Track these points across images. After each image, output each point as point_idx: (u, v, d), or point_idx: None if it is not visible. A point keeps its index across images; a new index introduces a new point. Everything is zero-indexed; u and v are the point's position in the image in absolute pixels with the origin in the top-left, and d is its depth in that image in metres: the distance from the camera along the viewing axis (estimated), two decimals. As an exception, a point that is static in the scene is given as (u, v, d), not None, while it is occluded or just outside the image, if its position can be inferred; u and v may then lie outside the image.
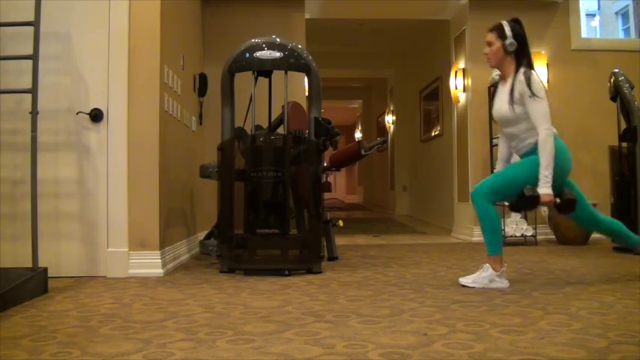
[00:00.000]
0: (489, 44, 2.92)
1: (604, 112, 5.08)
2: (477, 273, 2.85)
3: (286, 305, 2.43)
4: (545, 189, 2.73)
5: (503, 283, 2.82)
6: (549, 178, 2.72)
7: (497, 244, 2.87)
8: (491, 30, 2.94)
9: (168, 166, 3.69)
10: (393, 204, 10.23)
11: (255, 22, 5.25)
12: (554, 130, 2.81)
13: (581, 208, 2.92)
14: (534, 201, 2.73)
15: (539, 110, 2.75)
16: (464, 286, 2.81)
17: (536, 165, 2.75)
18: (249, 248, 3.45)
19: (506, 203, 3.09)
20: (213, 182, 3.84)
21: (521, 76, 2.79)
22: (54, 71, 3.31)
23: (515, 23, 2.92)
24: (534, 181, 2.75)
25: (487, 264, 2.84)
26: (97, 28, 3.35)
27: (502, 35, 2.87)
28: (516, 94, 2.80)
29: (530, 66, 2.86)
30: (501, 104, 2.90)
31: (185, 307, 2.43)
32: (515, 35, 2.86)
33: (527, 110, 2.78)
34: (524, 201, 2.75)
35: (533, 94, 2.74)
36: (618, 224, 3.09)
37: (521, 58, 2.87)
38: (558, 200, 2.79)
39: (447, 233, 6.07)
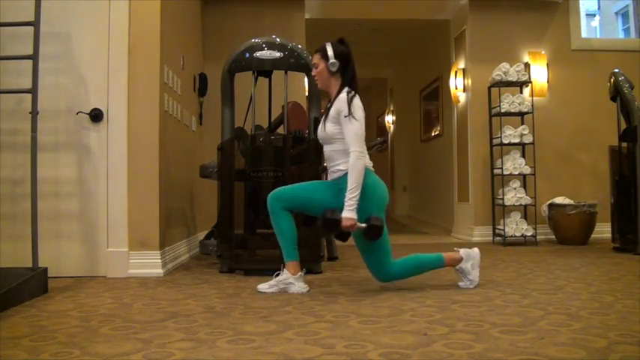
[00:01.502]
0: (315, 66, 2.85)
1: (604, 112, 5.08)
2: (275, 278, 2.79)
3: (286, 305, 2.43)
4: (348, 212, 2.59)
5: (302, 288, 2.75)
6: (354, 202, 2.59)
7: (291, 250, 2.78)
8: (316, 51, 2.86)
9: (168, 166, 3.69)
10: (393, 204, 10.22)
11: (255, 22, 5.25)
12: (368, 160, 2.74)
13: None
14: (335, 224, 2.60)
15: (353, 131, 2.65)
16: (261, 292, 2.74)
17: (337, 190, 2.68)
18: (249, 248, 3.45)
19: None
20: (213, 182, 3.84)
21: (343, 95, 2.72)
22: (54, 71, 3.31)
23: (340, 43, 2.85)
24: (329, 204, 2.67)
25: (284, 269, 2.79)
26: (97, 28, 3.35)
27: (325, 56, 2.80)
28: (332, 112, 2.72)
29: (354, 86, 2.78)
30: (327, 122, 2.78)
31: (185, 307, 2.43)
32: (337, 55, 2.79)
33: (342, 130, 2.69)
34: (324, 224, 2.64)
35: (349, 114, 2.65)
36: (412, 258, 2.85)
37: (346, 77, 2.80)
38: (364, 225, 2.62)
39: (447, 233, 6.07)
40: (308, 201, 2.78)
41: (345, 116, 2.66)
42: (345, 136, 2.67)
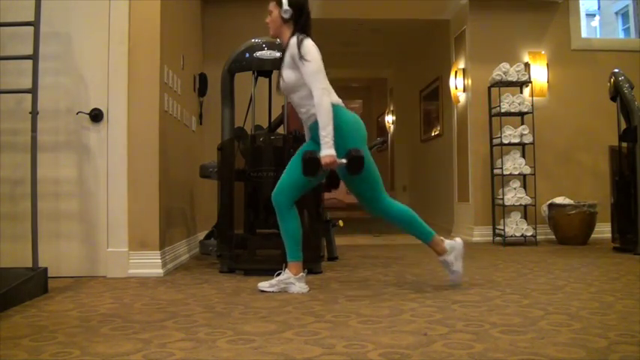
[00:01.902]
0: (270, 13, 2.81)
1: (604, 112, 5.08)
2: (277, 278, 2.77)
3: (286, 305, 2.43)
4: (326, 150, 2.57)
5: (302, 288, 2.74)
6: (329, 139, 2.57)
7: (295, 251, 2.79)
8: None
9: (168, 166, 3.69)
10: (392, 204, 10.21)
11: (255, 22, 5.20)
12: (336, 97, 2.72)
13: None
14: (315, 163, 2.58)
15: (310, 71, 2.64)
16: (262, 291, 2.74)
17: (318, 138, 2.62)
18: (249, 248, 3.45)
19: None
20: (213, 182, 3.84)
21: (292, 40, 2.72)
22: (54, 71, 3.30)
23: None
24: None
25: (286, 269, 2.79)
26: (97, 28, 3.35)
27: (280, 3, 2.76)
28: (287, 59, 2.73)
29: (305, 32, 2.75)
30: (284, 70, 2.77)
31: (185, 307, 2.43)
32: (291, 3, 2.74)
33: (302, 74, 2.67)
34: (305, 165, 2.62)
35: (301, 57, 2.64)
36: (409, 213, 2.96)
37: (298, 25, 2.76)
38: (344, 161, 2.60)
39: (447, 233, 6.07)
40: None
41: (300, 59, 2.65)
42: (305, 79, 2.66)
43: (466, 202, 5.59)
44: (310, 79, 2.64)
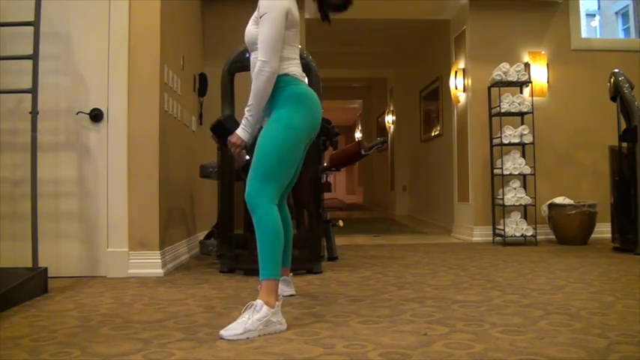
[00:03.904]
0: None
1: (604, 112, 5.08)
2: (244, 316, 1.98)
3: (286, 305, 2.43)
4: (239, 130, 2.24)
5: (281, 324, 2.02)
6: (248, 121, 2.23)
7: (278, 266, 2.11)
8: None
9: (168, 166, 3.69)
10: (392, 204, 10.23)
11: (255, 22, 5.24)
12: (297, 70, 2.31)
13: None
14: (219, 128, 2.23)
15: (262, 35, 2.18)
16: (223, 339, 1.91)
17: (290, 119, 2.19)
18: (249, 248, 3.45)
19: None
20: (213, 182, 3.84)
21: None
22: (54, 71, 3.31)
23: None
24: (298, 137, 2.21)
25: (258, 300, 2.01)
26: (97, 28, 3.35)
27: None
28: (255, 13, 2.31)
29: None
30: (249, 23, 2.37)
31: (185, 307, 2.43)
32: None
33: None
34: (214, 128, 2.26)
35: (261, 14, 2.21)
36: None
37: None
38: (247, 158, 2.18)
39: (447, 233, 6.07)
40: (273, 160, 2.18)
41: (260, 16, 2.22)
42: (258, 40, 2.22)
43: (466, 202, 5.59)
44: (259, 45, 2.20)
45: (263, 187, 2.12)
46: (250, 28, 2.33)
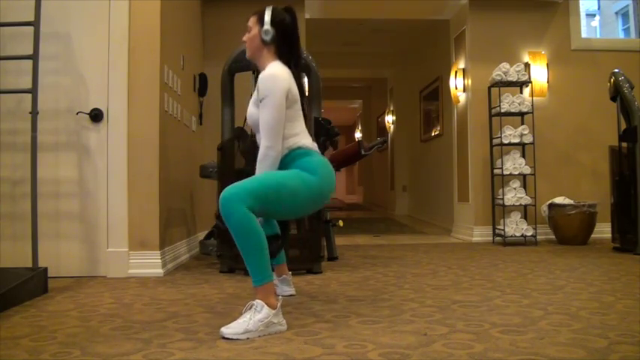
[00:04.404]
0: (248, 30, 2.34)
1: (604, 112, 5.08)
2: (245, 316, 1.97)
3: (286, 305, 2.43)
4: None
5: (282, 325, 2.01)
6: None
7: (267, 266, 2.04)
8: (253, 14, 2.36)
9: (168, 166, 3.69)
10: (393, 204, 10.23)
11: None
12: (308, 142, 2.29)
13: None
14: None
15: (264, 119, 2.16)
16: (225, 337, 1.91)
17: (306, 177, 2.16)
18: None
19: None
20: (213, 182, 3.84)
21: (265, 71, 2.24)
22: (54, 71, 3.31)
23: (286, 11, 2.34)
24: (305, 195, 2.16)
25: (258, 301, 1.99)
26: (97, 28, 3.35)
27: (261, 21, 2.30)
28: (255, 94, 2.27)
29: (289, 62, 2.30)
30: (250, 105, 2.35)
31: (185, 307, 2.43)
32: (275, 23, 2.28)
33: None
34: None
35: (264, 97, 2.16)
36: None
37: (280, 51, 2.30)
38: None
39: (447, 233, 6.07)
40: (272, 195, 2.13)
41: (260, 100, 2.18)
42: (259, 124, 2.20)
43: (466, 202, 5.59)
44: (262, 129, 2.18)
45: (242, 198, 2.01)
46: (252, 111, 2.31)
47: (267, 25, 2.26)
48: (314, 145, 2.33)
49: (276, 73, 2.20)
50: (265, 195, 2.07)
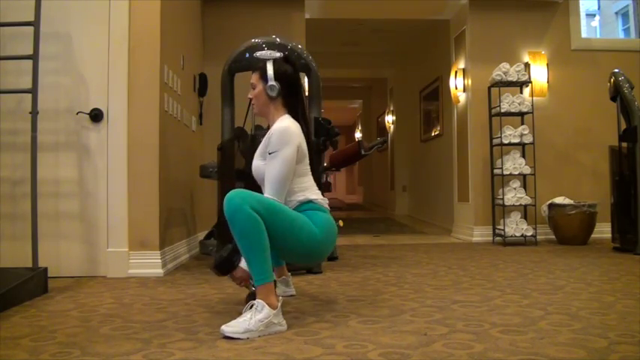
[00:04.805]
0: (252, 87, 2.36)
1: (604, 112, 5.08)
2: (246, 316, 1.98)
3: (286, 305, 2.43)
4: (244, 263, 2.16)
5: (282, 325, 2.01)
6: None
7: (268, 266, 2.05)
8: (255, 70, 2.38)
9: (168, 166, 3.69)
10: (393, 204, 10.23)
11: (255, 22, 5.25)
12: (319, 198, 2.29)
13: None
14: (228, 266, 2.20)
15: (272, 173, 2.16)
16: (228, 337, 1.91)
17: (312, 227, 2.17)
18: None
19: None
20: (213, 182, 3.84)
21: (276, 124, 2.25)
22: (54, 71, 3.31)
23: (285, 62, 2.37)
24: (303, 239, 2.16)
25: (259, 300, 1.99)
26: (97, 28, 3.35)
27: (264, 76, 2.31)
28: (262, 144, 2.31)
29: (295, 112, 2.32)
30: (255, 158, 2.37)
31: (185, 307, 2.43)
32: (279, 76, 2.29)
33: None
34: (219, 261, 2.24)
35: (273, 150, 2.18)
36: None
37: (288, 104, 2.33)
38: (253, 289, 2.08)
39: (447, 233, 6.07)
40: (278, 215, 2.13)
41: (270, 153, 2.19)
42: (265, 176, 2.20)
43: (466, 202, 5.58)
44: (267, 181, 2.18)
45: (248, 200, 2.01)
46: (258, 164, 2.31)
47: (271, 81, 2.28)
48: (324, 202, 2.33)
49: (289, 128, 2.22)
50: (272, 209, 2.08)
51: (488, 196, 5.23)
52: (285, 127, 2.21)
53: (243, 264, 2.19)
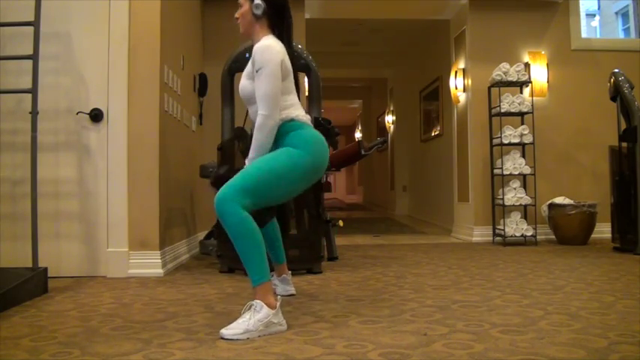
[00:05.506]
0: (239, 6, 2.35)
1: (604, 112, 5.09)
2: (245, 316, 1.98)
3: (286, 305, 2.43)
4: None
5: (282, 325, 2.02)
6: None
7: (265, 266, 2.05)
8: None
9: (168, 166, 3.69)
10: (393, 204, 10.23)
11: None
12: (301, 113, 2.29)
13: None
14: (225, 183, 2.16)
15: (262, 90, 2.17)
16: (224, 339, 1.90)
17: (297, 155, 2.16)
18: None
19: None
20: (213, 182, 3.84)
21: (259, 43, 2.25)
22: (54, 71, 3.31)
23: None
24: (297, 175, 2.17)
25: (257, 301, 2.00)
26: (97, 28, 3.35)
27: None
28: (249, 65, 2.30)
29: (281, 35, 2.32)
30: (243, 78, 2.37)
31: (185, 307, 2.43)
32: None
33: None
34: (216, 177, 2.24)
35: (259, 67, 2.18)
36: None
37: (273, 24, 2.33)
38: None
39: (447, 233, 6.07)
40: (264, 184, 2.16)
41: (257, 70, 2.20)
42: (256, 95, 2.22)
43: (466, 202, 5.59)
44: (259, 99, 2.19)
45: (236, 198, 2.04)
46: (245, 84, 2.33)
47: (257, 0, 2.29)
48: (307, 118, 2.32)
49: (270, 45, 2.22)
50: (257, 188, 2.10)
51: (488, 196, 5.23)
52: (267, 44, 2.22)
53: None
